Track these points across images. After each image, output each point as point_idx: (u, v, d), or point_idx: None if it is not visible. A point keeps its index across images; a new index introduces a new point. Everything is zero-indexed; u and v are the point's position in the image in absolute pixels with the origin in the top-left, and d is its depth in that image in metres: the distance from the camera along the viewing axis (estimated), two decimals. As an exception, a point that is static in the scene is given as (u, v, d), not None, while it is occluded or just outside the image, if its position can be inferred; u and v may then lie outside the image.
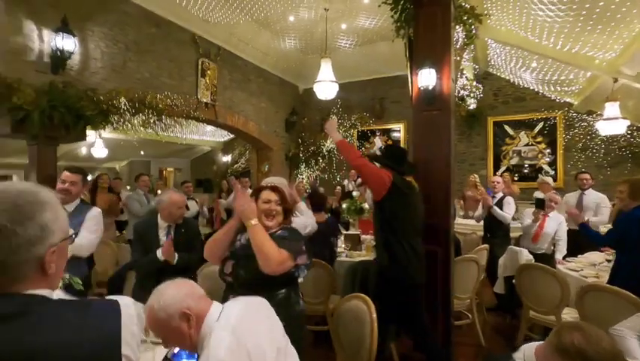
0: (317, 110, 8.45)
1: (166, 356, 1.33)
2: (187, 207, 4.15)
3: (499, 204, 4.08)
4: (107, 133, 6.31)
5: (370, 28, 6.31)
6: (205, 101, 5.99)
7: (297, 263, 1.63)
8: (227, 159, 10.01)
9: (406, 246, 2.38)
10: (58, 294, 0.78)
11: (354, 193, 4.49)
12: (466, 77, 5.81)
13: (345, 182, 7.62)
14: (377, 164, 2.54)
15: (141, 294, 2.29)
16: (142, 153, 10.16)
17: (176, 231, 2.60)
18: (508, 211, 4.03)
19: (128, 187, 8.15)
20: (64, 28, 4.01)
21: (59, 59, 4.05)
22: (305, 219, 2.80)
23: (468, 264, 3.21)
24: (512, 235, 4.29)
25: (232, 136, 9.24)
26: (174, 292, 1.14)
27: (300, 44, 6.98)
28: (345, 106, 8.13)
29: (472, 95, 6.19)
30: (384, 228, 2.40)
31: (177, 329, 1.10)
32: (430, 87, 2.70)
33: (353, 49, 7.16)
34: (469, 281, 3.21)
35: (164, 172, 11.36)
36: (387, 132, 8.15)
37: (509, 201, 4.09)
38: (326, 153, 8.31)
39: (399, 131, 8.02)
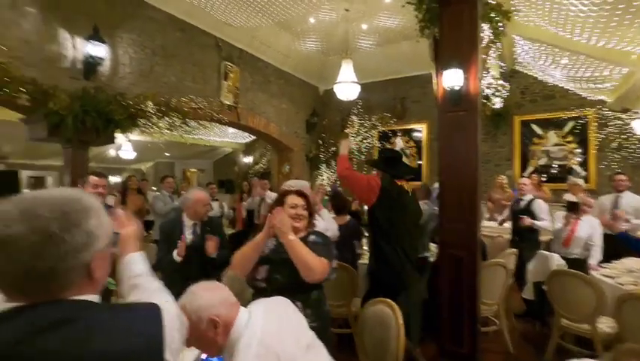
0: (337, 111, 8.44)
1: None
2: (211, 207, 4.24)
3: (528, 207, 3.93)
4: (135, 135, 6.53)
5: (392, 27, 6.23)
6: (227, 103, 6.09)
7: (331, 267, 1.69)
8: (248, 160, 10.15)
9: (399, 251, 2.39)
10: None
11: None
12: (491, 75, 5.64)
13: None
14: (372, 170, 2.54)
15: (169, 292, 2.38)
16: (167, 154, 10.45)
17: (202, 229, 2.67)
18: (543, 217, 3.87)
19: (154, 188, 8.40)
20: (95, 35, 4.18)
21: (91, 65, 4.23)
22: (325, 224, 2.80)
23: (495, 269, 3.11)
24: (542, 238, 4.12)
25: (253, 138, 9.36)
26: (209, 297, 1.16)
27: (321, 45, 6.99)
28: (365, 106, 8.08)
29: (497, 93, 6.00)
30: (377, 234, 2.41)
31: (203, 333, 1.12)
32: (457, 88, 2.64)
33: (374, 49, 7.09)
34: (496, 287, 3.12)
35: (188, 173, 11.64)
36: (408, 133, 8.04)
37: (540, 204, 3.93)
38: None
39: (421, 131, 7.88)
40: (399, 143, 8.01)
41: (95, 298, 0.72)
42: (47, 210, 0.66)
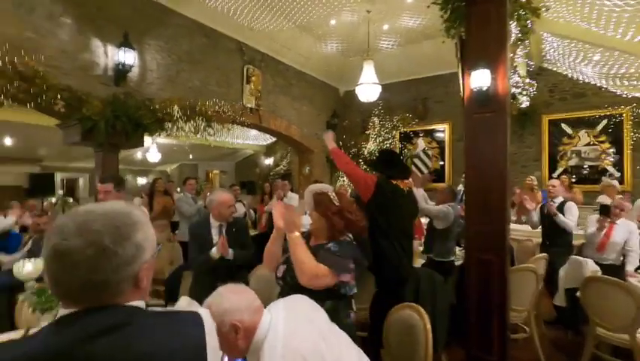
0: (358, 112, 8.42)
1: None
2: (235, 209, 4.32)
3: (559, 210, 3.79)
4: (161, 138, 6.74)
5: (414, 27, 6.16)
6: (250, 106, 6.19)
7: (340, 280, 1.60)
8: (269, 161, 10.26)
9: (396, 246, 2.46)
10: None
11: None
12: (518, 73, 5.48)
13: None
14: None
15: (197, 291, 2.45)
16: (191, 156, 10.71)
17: (228, 229, 2.72)
18: (570, 217, 3.73)
19: (178, 189, 8.63)
20: (125, 43, 4.33)
21: (121, 72, 4.39)
22: None
23: (525, 274, 3.02)
24: (574, 242, 3.95)
25: (274, 139, 9.45)
26: (234, 301, 1.18)
27: (342, 47, 6.99)
28: (386, 107, 8.01)
29: (524, 92, 5.82)
30: (376, 231, 2.46)
31: (225, 335, 1.14)
32: (484, 88, 2.58)
33: (395, 49, 7.03)
34: (526, 292, 3.02)
35: (210, 174, 11.89)
36: (430, 133, 7.92)
37: (570, 206, 3.78)
38: (367, 155, 8.23)
39: (443, 131, 7.75)
40: (420, 144, 7.90)
41: (143, 304, 0.75)
42: (101, 225, 0.70)
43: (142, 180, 11.13)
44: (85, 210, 0.73)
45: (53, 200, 5.16)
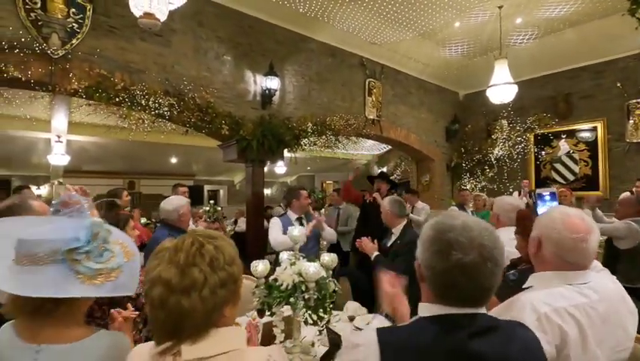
0: (481, 116, 7.82)
1: None
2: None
3: None
4: (290, 153, 7.40)
5: (557, 16, 5.46)
6: (372, 118, 6.34)
7: None
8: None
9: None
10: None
11: (554, 208, 3.89)
12: None
13: (515, 194, 6.74)
14: None
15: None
16: (308, 168, 11.47)
17: None
18: None
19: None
20: (270, 71, 4.93)
21: (267, 96, 4.99)
22: None
23: None
24: None
25: (387, 149, 9.45)
26: None
27: (466, 49, 6.61)
28: (517, 107, 7.22)
29: None
30: None
31: None
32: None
33: (529, 43, 6.33)
34: None
35: (324, 184, 12.51)
36: (573, 134, 6.83)
37: None
38: (494, 162, 7.55)
39: (594, 130, 6.59)
40: (564, 146, 6.88)
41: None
42: (487, 240, 0.81)
43: (266, 191, 12.37)
44: (462, 227, 0.82)
45: (207, 208, 6.08)
